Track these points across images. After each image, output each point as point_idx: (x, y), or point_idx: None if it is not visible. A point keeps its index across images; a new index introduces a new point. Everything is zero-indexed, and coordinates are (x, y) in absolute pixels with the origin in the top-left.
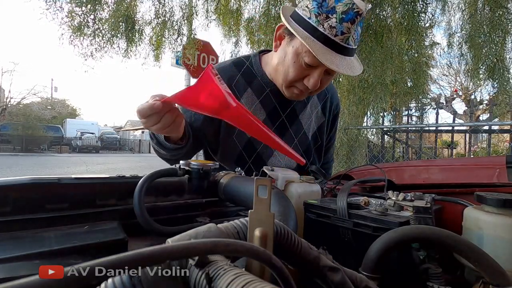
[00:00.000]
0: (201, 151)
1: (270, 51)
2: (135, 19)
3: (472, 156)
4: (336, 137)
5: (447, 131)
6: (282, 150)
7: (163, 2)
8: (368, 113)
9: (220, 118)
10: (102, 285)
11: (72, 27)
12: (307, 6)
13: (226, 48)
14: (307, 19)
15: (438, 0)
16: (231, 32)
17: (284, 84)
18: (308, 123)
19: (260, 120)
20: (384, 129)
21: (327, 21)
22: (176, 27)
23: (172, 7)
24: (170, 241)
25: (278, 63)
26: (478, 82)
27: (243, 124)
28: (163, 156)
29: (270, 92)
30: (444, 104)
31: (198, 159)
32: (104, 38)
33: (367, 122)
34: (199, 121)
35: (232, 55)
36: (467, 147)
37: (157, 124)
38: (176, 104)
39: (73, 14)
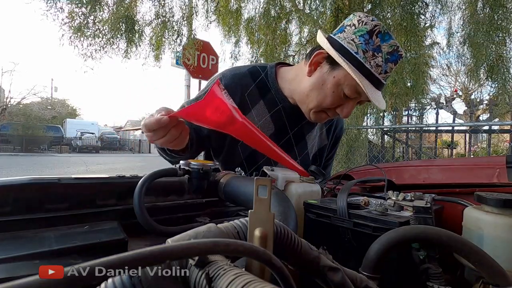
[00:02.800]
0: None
1: (287, 64)
2: (135, 19)
3: (472, 156)
4: (335, 155)
5: (447, 131)
6: (287, 164)
7: (163, 2)
8: (368, 113)
9: (225, 132)
10: (102, 285)
11: (72, 27)
12: (353, 40)
13: (226, 48)
14: (353, 53)
15: (437, 0)
16: (231, 32)
17: (315, 109)
18: (312, 143)
19: (265, 134)
20: (384, 129)
21: (373, 59)
22: (176, 28)
23: (172, 8)
24: (170, 241)
25: (312, 89)
26: (478, 82)
27: (248, 138)
28: (166, 159)
29: (282, 108)
30: (444, 104)
31: (198, 159)
32: (104, 39)
33: (367, 122)
34: (206, 129)
35: (232, 55)
36: (467, 147)
37: (163, 138)
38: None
39: (73, 15)
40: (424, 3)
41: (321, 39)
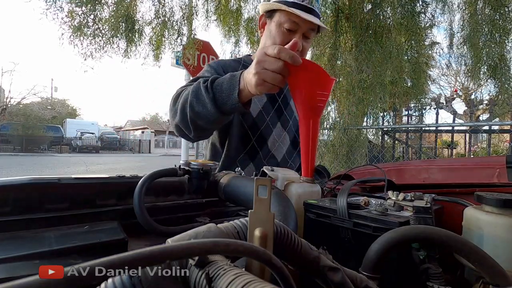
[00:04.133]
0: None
1: None
2: (135, 19)
3: (472, 156)
4: None
5: (447, 131)
6: (304, 155)
7: (163, 2)
8: (368, 113)
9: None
10: (102, 285)
11: (72, 27)
12: None
13: (226, 48)
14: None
15: (438, 0)
16: (231, 32)
17: None
18: (295, 110)
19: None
20: (384, 129)
21: None
22: (176, 27)
23: (172, 7)
24: (170, 241)
25: (266, 41)
26: (479, 82)
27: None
28: (203, 117)
29: None
30: (444, 104)
31: (198, 159)
32: (104, 38)
33: (367, 122)
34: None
35: (232, 55)
36: (467, 147)
37: (275, 74)
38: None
39: (73, 14)
40: (424, 3)
41: (260, 6)
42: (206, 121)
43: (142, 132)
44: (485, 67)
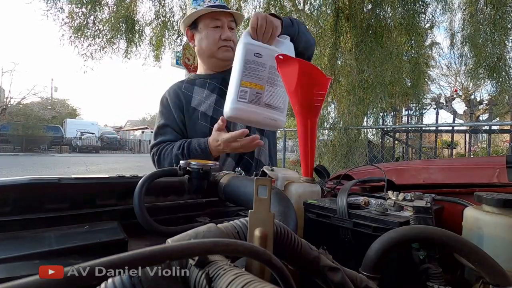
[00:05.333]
0: None
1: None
2: (135, 19)
3: (472, 156)
4: None
5: (447, 131)
6: (304, 156)
7: (163, 2)
8: (368, 113)
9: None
10: (102, 285)
11: (72, 27)
12: (189, 5)
13: None
14: (194, 8)
15: (438, 0)
16: None
17: (214, 49)
18: None
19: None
20: (384, 129)
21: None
22: (176, 28)
23: (172, 8)
24: (170, 241)
25: (202, 45)
26: (478, 82)
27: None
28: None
29: (210, 79)
30: (444, 104)
31: (198, 159)
32: (104, 39)
33: (367, 122)
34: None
35: None
36: (467, 147)
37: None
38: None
39: (73, 15)
40: (424, 3)
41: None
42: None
43: (142, 132)
44: (485, 67)
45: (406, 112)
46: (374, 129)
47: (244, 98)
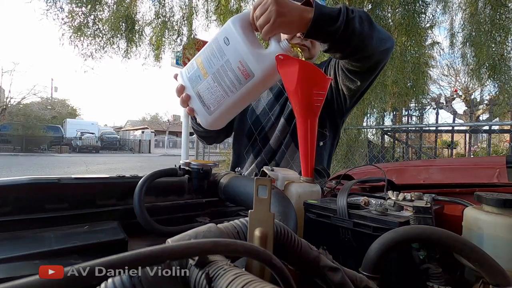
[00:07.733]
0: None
1: None
2: (135, 19)
3: (472, 156)
4: None
5: (447, 131)
6: (304, 156)
7: (163, 2)
8: (368, 113)
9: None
10: (102, 285)
11: (72, 27)
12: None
13: None
14: None
15: (438, 0)
16: None
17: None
18: None
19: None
20: (384, 129)
21: None
22: (176, 27)
23: (172, 7)
24: (170, 241)
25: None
26: (479, 82)
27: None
28: (200, 133)
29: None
30: (444, 104)
31: (198, 159)
32: (104, 38)
33: (367, 122)
34: None
35: None
36: (467, 147)
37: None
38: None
39: (73, 14)
40: (424, 3)
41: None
42: (198, 134)
43: (142, 132)
44: (486, 67)
45: (406, 112)
46: (374, 129)
47: (189, 71)
